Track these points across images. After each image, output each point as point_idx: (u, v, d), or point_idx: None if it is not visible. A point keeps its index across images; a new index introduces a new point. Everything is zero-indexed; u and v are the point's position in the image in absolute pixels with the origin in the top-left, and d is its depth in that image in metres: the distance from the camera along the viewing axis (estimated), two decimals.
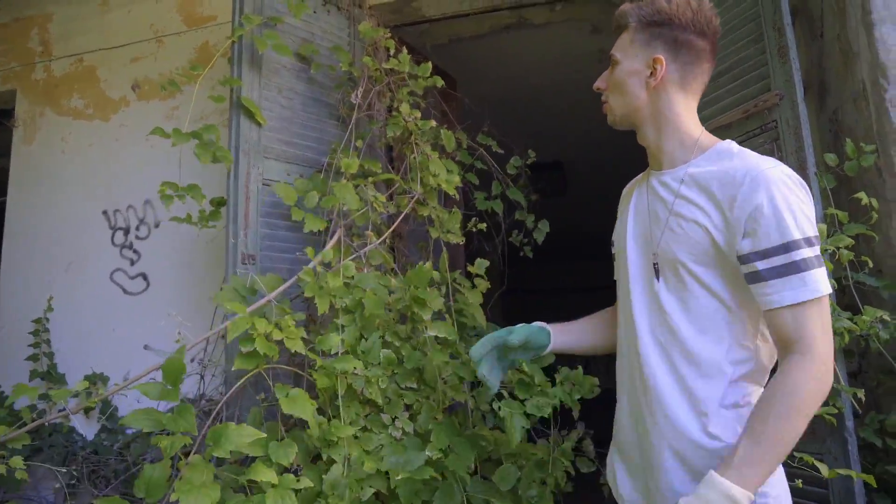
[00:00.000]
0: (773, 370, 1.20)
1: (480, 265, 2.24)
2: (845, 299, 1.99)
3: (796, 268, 1.11)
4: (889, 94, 1.95)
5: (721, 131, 2.25)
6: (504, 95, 4.45)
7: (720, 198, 1.19)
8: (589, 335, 1.61)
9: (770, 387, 1.13)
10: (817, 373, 1.09)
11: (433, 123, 2.33)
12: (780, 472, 1.22)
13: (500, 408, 1.80)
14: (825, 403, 1.85)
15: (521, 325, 1.54)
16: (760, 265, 1.14)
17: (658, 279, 1.30)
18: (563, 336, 1.58)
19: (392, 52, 2.50)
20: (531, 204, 2.83)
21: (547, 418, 2.29)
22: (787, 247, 1.12)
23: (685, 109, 1.33)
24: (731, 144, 1.28)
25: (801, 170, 1.98)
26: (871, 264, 1.96)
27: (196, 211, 2.39)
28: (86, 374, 3.09)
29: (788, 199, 1.14)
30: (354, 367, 1.76)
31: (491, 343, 1.51)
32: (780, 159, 2.00)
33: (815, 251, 1.13)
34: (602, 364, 2.79)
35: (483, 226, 2.45)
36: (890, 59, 1.97)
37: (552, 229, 2.83)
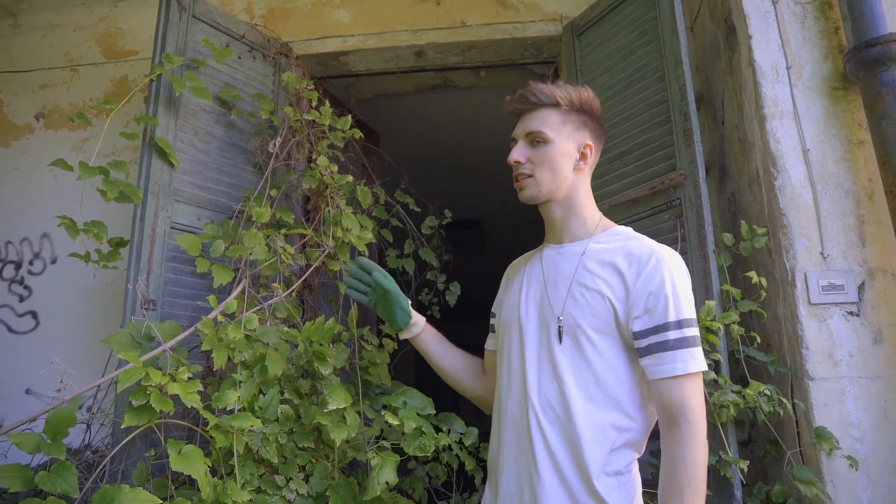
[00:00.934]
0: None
1: None
2: (738, 371, 2.09)
3: (686, 343, 1.24)
4: (778, 182, 2.10)
5: (629, 205, 2.36)
6: (426, 152, 4.52)
7: (625, 272, 1.30)
8: (455, 360, 1.68)
9: (670, 465, 1.21)
10: (702, 440, 1.21)
11: (350, 178, 2.32)
12: None
13: (372, 457, 1.75)
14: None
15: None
16: (656, 338, 1.24)
17: (561, 342, 1.35)
18: (434, 338, 1.67)
19: (315, 103, 2.50)
20: (445, 264, 2.85)
21: (449, 481, 2.28)
22: (681, 324, 1.25)
23: (589, 192, 1.47)
24: (627, 228, 1.43)
25: (701, 247, 2.10)
26: (759, 339, 2.07)
27: (95, 250, 2.27)
28: None
29: (683, 282, 1.29)
30: (252, 425, 1.69)
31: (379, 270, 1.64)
32: (683, 235, 2.13)
33: (697, 331, 1.28)
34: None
35: None
36: (779, 150, 2.12)
37: (470, 286, 2.85)
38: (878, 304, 2.01)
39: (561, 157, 1.40)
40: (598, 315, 1.31)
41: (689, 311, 1.26)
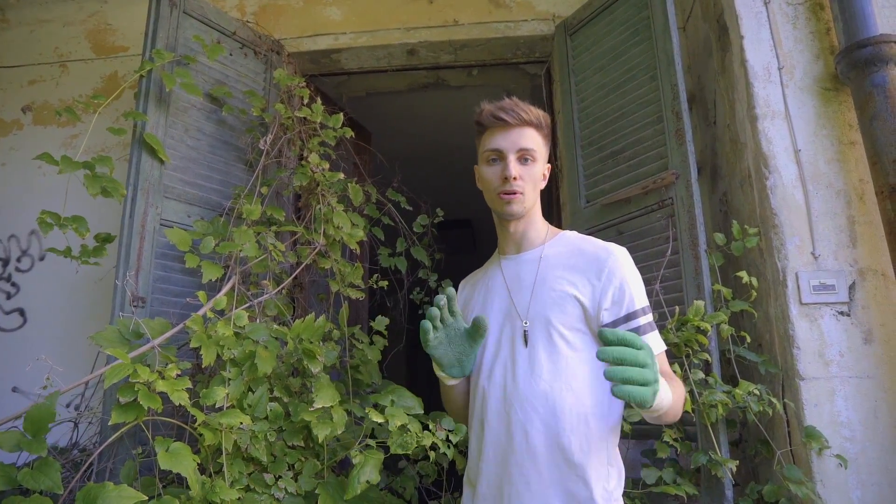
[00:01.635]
0: None
1: (381, 322, 2.21)
2: (729, 371, 2.09)
3: (651, 327, 1.38)
4: (770, 182, 2.10)
5: (621, 205, 2.36)
6: (418, 151, 4.51)
7: (586, 271, 1.40)
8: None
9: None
10: (682, 386, 1.38)
11: (341, 176, 2.31)
12: None
13: (355, 455, 1.75)
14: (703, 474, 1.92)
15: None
16: (628, 325, 1.35)
17: (526, 345, 1.41)
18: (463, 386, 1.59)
19: (306, 100, 2.49)
20: (437, 263, 2.84)
21: (440, 480, 2.28)
22: (645, 310, 1.38)
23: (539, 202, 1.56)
24: (573, 232, 1.54)
25: (692, 246, 2.10)
26: (748, 339, 2.07)
27: (80, 245, 2.25)
28: None
29: (636, 273, 1.42)
30: (241, 422, 1.67)
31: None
32: (675, 235, 2.13)
33: (652, 316, 1.41)
34: None
35: (385, 283, 2.44)
36: (771, 150, 2.13)
37: None
38: (869, 303, 2.01)
39: (540, 175, 1.49)
40: (567, 312, 1.38)
41: (645, 299, 1.40)
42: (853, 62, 2.05)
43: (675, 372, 1.56)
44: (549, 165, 1.52)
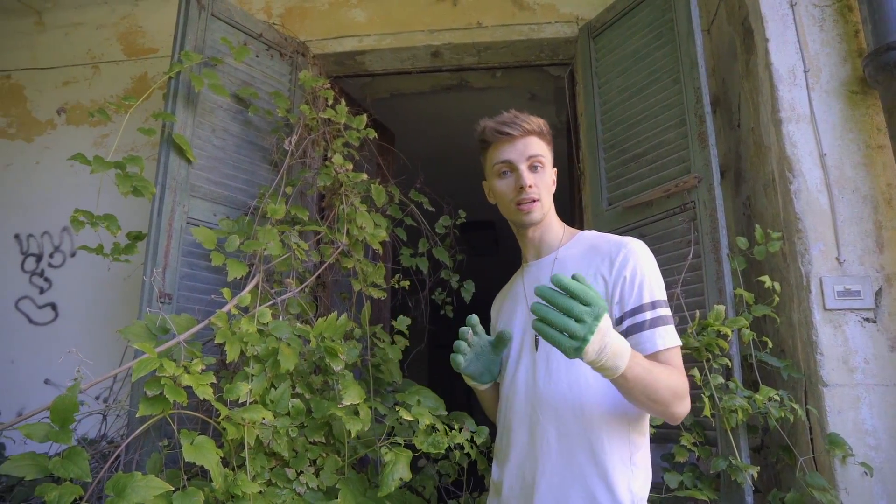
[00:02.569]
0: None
1: (402, 322, 2.24)
2: (752, 376, 2.08)
3: (660, 322, 1.34)
4: (794, 186, 2.09)
5: (643, 207, 2.36)
6: (441, 152, 4.52)
7: (599, 266, 1.40)
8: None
9: (666, 366, 1.31)
10: (687, 391, 1.31)
11: (364, 176, 2.34)
12: None
13: (385, 453, 1.77)
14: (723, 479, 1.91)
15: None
16: (632, 320, 1.34)
17: (537, 349, 1.44)
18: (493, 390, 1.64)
19: (330, 102, 2.52)
20: (458, 263, 2.86)
21: (459, 480, 2.29)
22: (654, 304, 1.35)
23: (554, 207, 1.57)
24: (591, 231, 1.54)
25: (714, 250, 2.09)
26: (770, 344, 2.06)
27: (112, 243, 2.31)
28: None
29: (651, 267, 1.39)
30: (263, 418, 1.71)
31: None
32: (697, 239, 2.12)
33: (668, 310, 1.38)
34: None
35: (407, 283, 2.46)
36: (795, 154, 2.11)
37: (484, 287, 2.86)
38: None
39: (550, 180, 1.52)
40: None
41: (660, 293, 1.37)
42: (882, 65, 2.02)
43: (692, 376, 1.53)
44: (555, 170, 1.54)
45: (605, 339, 1.12)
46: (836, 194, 2.07)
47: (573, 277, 1.11)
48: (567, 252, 1.50)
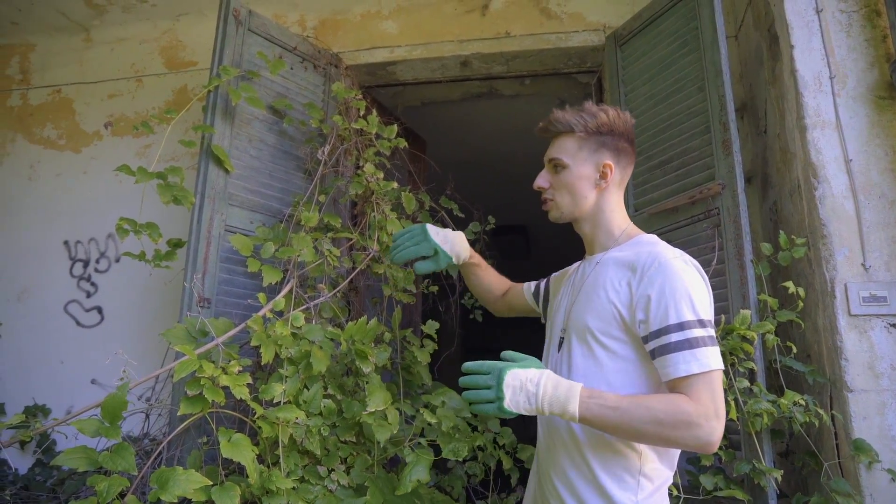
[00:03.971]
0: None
1: (431, 326, 2.30)
2: (777, 382, 2.09)
3: (688, 345, 1.25)
4: (818, 193, 2.09)
5: (668, 214, 2.38)
6: (473, 159, 4.59)
7: (630, 277, 1.36)
8: (492, 282, 2.00)
9: (659, 395, 1.28)
10: (697, 418, 1.20)
11: (395, 185, 2.41)
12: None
13: (407, 454, 1.83)
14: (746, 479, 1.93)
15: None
16: (658, 342, 1.28)
17: (559, 350, 1.47)
18: (479, 264, 1.99)
19: (362, 112, 2.60)
20: None
21: (487, 480, 2.34)
22: (682, 326, 1.26)
23: (618, 205, 1.53)
24: (652, 236, 1.47)
25: (738, 256, 2.11)
26: (795, 349, 2.07)
27: (154, 250, 2.42)
28: (27, 405, 3.04)
29: (684, 285, 1.29)
30: (297, 417, 1.79)
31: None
32: (721, 245, 2.14)
33: (707, 332, 1.28)
34: None
35: (435, 288, 2.52)
36: (820, 161, 2.12)
37: None
38: None
39: (577, 180, 1.49)
40: (602, 318, 1.38)
41: (690, 314, 1.27)
42: None
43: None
44: (606, 163, 1.48)
45: (525, 390, 1.25)
46: (863, 200, 2.07)
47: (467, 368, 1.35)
48: (613, 255, 1.46)
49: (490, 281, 2.01)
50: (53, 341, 3.18)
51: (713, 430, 1.21)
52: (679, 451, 1.40)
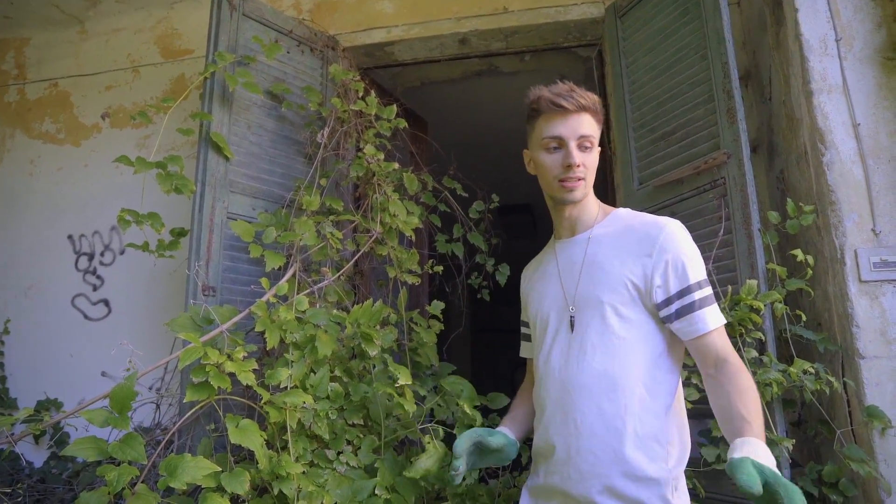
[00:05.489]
0: None
1: (437, 307, 2.29)
2: (788, 351, 2.07)
3: (709, 301, 1.36)
4: (826, 158, 2.06)
5: (673, 185, 2.35)
6: (475, 138, 4.55)
7: (637, 248, 1.39)
8: (528, 422, 1.68)
9: (729, 394, 1.29)
10: (747, 371, 1.32)
11: (396, 166, 2.39)
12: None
13: (427, 441, 1.83)
14: None
15: (500, 432, 1.60)
16: (681, 301, 1.35)
17: (572, 331, 1.45)
18: (518, 428, 1.66)
19: (361, 94, 2.57)
20: (495, 248, 2.89)
21: None
22: (700, 284, 1.36)
23: None
24: (625, 209, 1.53)
25: (745, 226, 2.08)
26: (804, 318, 2.04)
27: (157, 240, 2.41)
28: (39, 399, 3.06)
29: (691, 246, 1.39)
30: (304, 401, 1.78)
31: (471, 439, 1.54)
32: (728, 215, 2.11)
33: (710, 289, 1.39)
34: None
35: (440, 268, 2.50)
36: (826, 126, 2.08)
37: (521, 270, 2.88)
38: None
39: (596, 161, 1.50)
40: (618, 292, 1.39)
41: (703, 272, 1.37)
42: None
43: None
44: (598, 149, 1.51)
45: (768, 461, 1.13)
46: (871, 164, 2.04)
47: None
48: (601, 230, 1.48)
49: (530, 408, 1.69)
50: (62, 336, 3.19)
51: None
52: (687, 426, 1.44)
